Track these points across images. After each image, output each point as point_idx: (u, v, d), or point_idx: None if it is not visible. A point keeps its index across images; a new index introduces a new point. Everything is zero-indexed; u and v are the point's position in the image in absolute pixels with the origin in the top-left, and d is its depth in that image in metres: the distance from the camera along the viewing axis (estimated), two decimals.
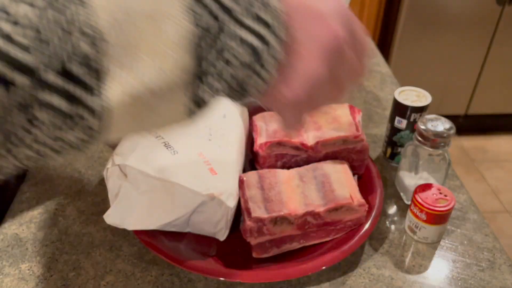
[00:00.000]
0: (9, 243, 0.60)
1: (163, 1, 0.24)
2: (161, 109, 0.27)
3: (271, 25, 0.27)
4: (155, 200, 0.56)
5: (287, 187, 0.58)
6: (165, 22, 0.24)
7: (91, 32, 0.23)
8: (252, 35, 0.27)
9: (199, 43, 0.25)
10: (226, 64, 0.27)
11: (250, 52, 0.27)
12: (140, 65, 0.24)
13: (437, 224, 0.58)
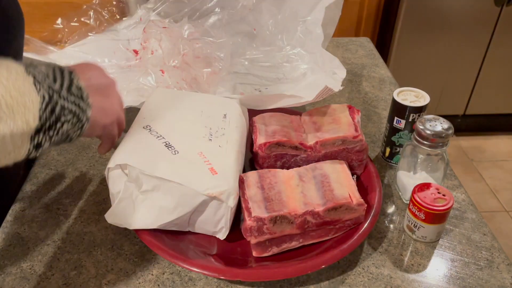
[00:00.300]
0: (11, 242, 0.61)
1: (28, 97, 0.43)
2: (8, 151, 0.43)
3: (83, 98, 0.49)
4: (156, 199, 0.56)
5: (287, 187, 0.59)
6: (28, 107, 0.43)
7: None
8: (73, 105, 0.47)
9: (45, 113, 0.44)
10: (61, 125, 0.46)
11: (74, 117, 0.48)
12: (12, 121, 0.42)
13: (435, 223, 0.59)
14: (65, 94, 0.47)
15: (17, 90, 0.42)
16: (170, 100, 0.69)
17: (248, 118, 0.72)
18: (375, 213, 0.59)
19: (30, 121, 0.43)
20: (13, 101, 0.42)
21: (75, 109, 0.47)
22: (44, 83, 0.45)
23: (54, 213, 0.65)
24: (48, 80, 0.46)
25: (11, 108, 0.41)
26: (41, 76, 0.45)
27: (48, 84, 0.45)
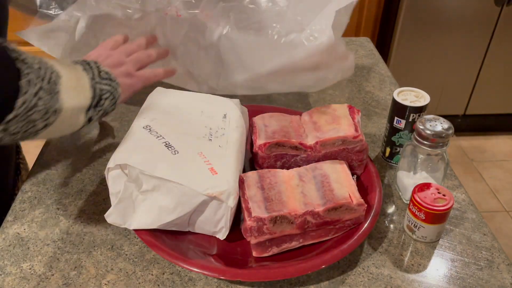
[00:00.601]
0: (11, 242, 0.61)
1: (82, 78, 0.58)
2: (72, 122, 0.58)
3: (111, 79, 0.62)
4: (155, 199, 0.56)
5: (287, 187, 0.59)
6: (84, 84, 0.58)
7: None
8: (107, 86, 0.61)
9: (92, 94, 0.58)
10: (104, 102, 0.60)
11: (110, 95, 0.61)
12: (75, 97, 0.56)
13: (435, 223, 0.59)
14: (99, 79, 0.60)
15: (75, 74, 0.57)
16: (170, 100, 0.69)
17: (248, 118, 0.72)
18: (375, 213, 0.59)
19: (86, 99, 0.58)
20: (74, 83, 0.56)
21: (109, 88, 0.61)
22: (87, 71, 0.59)
23: (54, 213, 0.65)
24: (87, 71, 0.60)
25: (75, 88, 0.56)
26: (82, 67, 0.60)
27: (89, 75, 0.59)
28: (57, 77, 0.53)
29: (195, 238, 0.60)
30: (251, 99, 0.90)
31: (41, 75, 0.51)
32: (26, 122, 0.51)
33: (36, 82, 0.50)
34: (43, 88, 0.51)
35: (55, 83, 0.53)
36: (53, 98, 0.52)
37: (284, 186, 0.59)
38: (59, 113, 0.54)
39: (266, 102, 0.90)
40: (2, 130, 0.49)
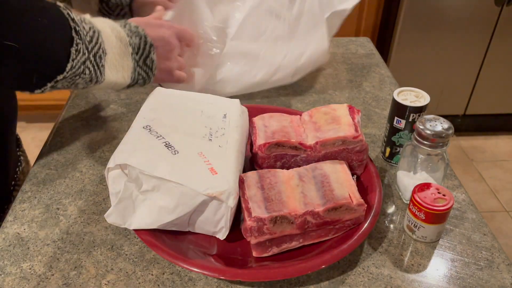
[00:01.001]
0: (11, 242, 0.61)
1: (127, 61, 0.66)
2: (110, 88, 0.68)
3: (152, 69, 0.71)
4: (155, 199, 0.56)
5: (287, 187, 0.59)
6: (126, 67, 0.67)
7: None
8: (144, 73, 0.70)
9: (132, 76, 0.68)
10: (135, 85, 0.70)
11: (143, 81, 0.71)
12: (116, 74, 0.65)
13: (435, 223, 0.59)
14: (142, 64, 0.68)
15: (121, 56, 0.65)
16: (170, 100, 0.69)
17: (247, 118, 0.72)
18: (375, 213, 0.59)
19: (125, 79, 0.67)
20: (118, 63, 0.64)
21: (145, 76, 0.70)
22: (134, 54, 0.67)
23: (54, 213, 0.65)
24: (135, 51, 0.67)
25: (116, 67, 0.64)
26: (134, 47, 0.66)
27: (135, 57, 0.67)
28: (104, 53, 0.61)
29: (195, 238, 0.60)
30: (251, 99, 0.90)
31: (90, 48, 0.59)
32: (71, 83, 0.59)
33: (84, 52, 0.58)
34: (89, 59, 0.59)
35: (100, 58, 0.61)
36: (98, 70, 0.61)
37: (284, 186, 0.59)
38: (99, 83, 0.63)
39: (266, 102, 0.90)
40: (51, 86, 0.58)
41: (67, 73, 0.57)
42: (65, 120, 0.85)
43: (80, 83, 0.60)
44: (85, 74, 0.59)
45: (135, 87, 0.71)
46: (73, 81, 0.59)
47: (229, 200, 0.55)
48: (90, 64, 0.59)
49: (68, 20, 0.57)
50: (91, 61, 0.59)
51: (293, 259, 0.56)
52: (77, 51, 0.57)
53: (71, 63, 0.56)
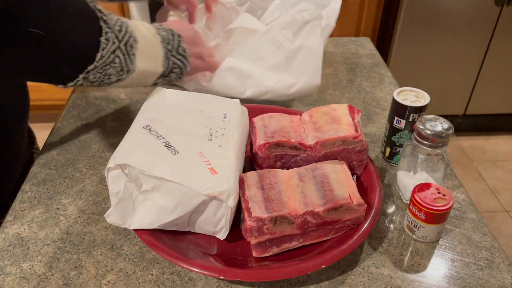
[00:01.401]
0: (11, 242, 0.61)
1: (157, 49, 0.68)
2: (141, 83, 0.69)
3: (186, 57, 0.72)
4: (155, 199, 0.56)
5: (287, 187, 0.59)
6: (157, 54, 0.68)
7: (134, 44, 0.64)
8: (179, 62, 0.71)
9: (165, 63, 0.70)
10: (172, 74, 0.72)
11: (179, 70, 0.73)
12: (148, 62, 0.66)
13: (435, 223, 0.59)
14: (175, 53, 0.70)
15: (152, 43, 0.66)
16: (170, 100, 0.69)
17: (247, 118, 0.72)
18: (375, 213, 0.59)
19: (158, 67, 0.67)
20: (149, 50, 0.65)
21: (181, 64, 0.71)
22: (164, 40, 0.68)
23: (54, 213, 0.65)
24: (165, 42, 0.68)
25: (148, 54, 0.65)
26: (163, 38, 0.68)
27: (165, 46, 0.68)
28: (134, 41, 0.62)
29: (195, 238, 0.60)
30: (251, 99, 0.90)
31: (120, 37, 0.60)
32: (102, 74, 0.60)
33: (114, 41, 0.59)
34: (120, 48, 0.60)
35: (131, 46, 0.62)
36: (129, 59, 0.62)
37: (284, 186, 0.59)
38: (131, 72, 0.64)
39: (266, 102, 0.90)
40: (83, 78, 0.59)
41: (98, 63, 0.58)
42: (65, 120, 0.85)
43: (112, 74, 0.61)
44: (115, 63, 0.60)
45: (167, 80, 0.71)
46: (104, 71, 0.60)
47: (229, 200, 0.55)
48: (121, 53, 0.60)
49: (95, 11, 0.58)
50: (121, 49, 0.60)
51: (293, 259, 0.56)
52: (106, 39, 0.58)
53: (101, 53, 0.58)
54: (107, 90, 0.92)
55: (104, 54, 0.58)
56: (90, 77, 0.59)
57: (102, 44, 0.58)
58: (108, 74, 0.61)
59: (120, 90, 0.93)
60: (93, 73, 0.59)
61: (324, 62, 1.04)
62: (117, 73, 0.62)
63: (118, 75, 0.62)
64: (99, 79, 0.61)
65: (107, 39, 0.58)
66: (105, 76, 0.61)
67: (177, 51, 0.70)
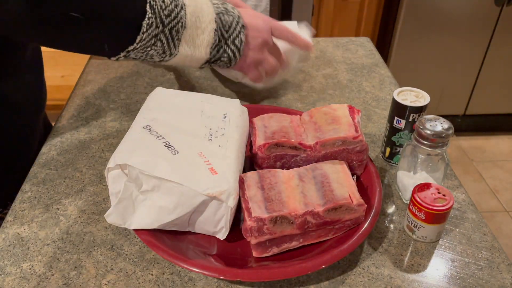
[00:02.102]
0: (11, 242, 0.61)
1: (203, 37, 0.65)
2: (185, 65, 0.69)
3: (240, 49, 0.69)
4: (155, 199, 0.56)
5: (287, 187, 0.59)
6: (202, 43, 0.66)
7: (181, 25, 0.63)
8: (231, 52, 0.69)
9: (213, 51, 0.67)
10: (219, 62, 0.70)
11: (228, 61, 0.70)
12: (192, 48, 0.65)
13: (435, 223, 0.59)
14: (230, 43, 0.67)
15: (203, 30, 0.65)
16: (170, 100, 0.69)
17: (247, 118, 0.72)
18: (375, 213, 0.59)
19: (202, 54, 0.66)
20: (200, 37, 0.65)
21: (231, 55, 0.68)
22: (220, 31, 0.66)
23: (54, 213, 0.65)
24: (224, 29, 0.66)
25: (194, 41, 0.64)
26: (222, 25, 0.66)
27: (221, 33, 0.66)
28: (182, 27, 0.62)
29: (195, 238, 0.60)
30: (251, 99, 0.90)
31: (166, 22, 0.60)
32: (144, 54, 0.62)
33: (158, 26, 0.59)
34: (164, 32, 0.60)
35: (177, 31, 0.62)
36: (172, 43, 0.62)
37: (284, 186, 0.59)
38: (174, 56, 0.64)
39: (266, 102, 0.90)
40: (124, 56, 0.61)
41: (137, 45, 0.59)
42: (65, 120, 0.85)
43: (154, 55, 0.63)
44: (157, 47, 0.61)
45: (214, 66, 0.70)
46: (145, 52, 0.61)
47: (229, 200, 0.55)
48: (164, 37, 0.61)
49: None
50: (165, 34, 0.61)
51: (293, 259, 0.56)
52: (148, 25, 0.58)
53: (141, 36, 0.59)
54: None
55: (144, 37, 0.59)
56: (131, 55, 0.61)
57: (143, 28, 0.58)
58: (149, 55, 0.62)
59: (120, 90, 0.93)
60: (134, 52, 0.61)
61: (324, 62, 1.05)
62: (158, 55, 0.63)
63: (160, 57, 0.64)
64: (141, 57, 0.63)
65: (149, 24, 0.58)
66: (147, 56, 0.63)
67: (233, 41, 0.67)
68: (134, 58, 0.63)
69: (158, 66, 1.02)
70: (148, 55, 0.63)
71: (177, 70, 1.01)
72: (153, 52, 0.62)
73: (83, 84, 0.96)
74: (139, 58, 0.63)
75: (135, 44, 0.59)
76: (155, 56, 0.63)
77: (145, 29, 0.58)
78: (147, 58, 0.63)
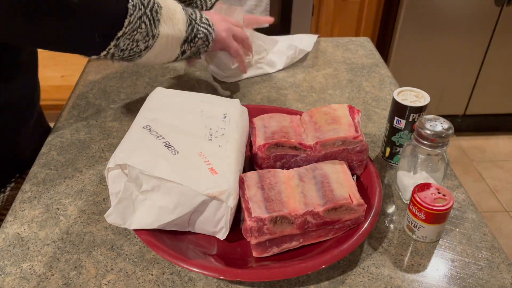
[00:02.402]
0: (11, 242, 0.61)
1: (178, 14, 0.71)
2: (168, 50, 0.71)
3: (210, 25, 0.75)
4: (155, 199, 0.56)
5: (287, 187, 0.59)
6: (179, 19, 0.70)
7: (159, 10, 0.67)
8: (204, 29, 0.74)
9: (188, 29, 0.72)
10: (197, 40, 0.74)
11: (205, 36, 0.75)
12: (171, 27, 0.68)
13: (435, 223, 0.59)
14: (199, 22, 0.73)
15: (174, 10, 0.69)
16: (170, 100, 0.69)
17: (247, 118, 0.72)
18: (375, 213, 0.59)
19: (181, 32, 0.70)
20: (172, 16, 0.68)
21: (205, 31, 0.74)
22: (187, 11, 0.72)
23: (54, 213, 0.65)
24: (188, 11, 0.73)
25: (171, 19, 0.68)
26: (186, 9, 0.73)
27: (189, 14, 0.72)
28: (159, 7, 0.66)
29: (195, 238, 0.60)
30: (251, 99, 0.90)
31: (145, 3, 0.64)
32: (131, 40, 0.64)
33: (140, 7, 0.63)
34: (146, 14, 0.63)
35: (156, 12, 0.65)
36: (153, 24, 0.65)
37: (284, 186, 0.59)
38: (157, 38, 0.67)
39: (266, 102, 0.90)
40: (114, 45, 0.62)
41: (126, 29, 0.62)
42: (65, 120, 0.85)
43: (139, 39, 0.65)
44: (142, 29, 0.64)
45: (193, 49, 0.74)
46: (132, 37, 0.63)
47: (229, 200, 0.55)
48: (147, 18, 0.64)
49: None
50: (147, 15, 0.64)
51: (293, 259, 0.56)
52: (133, 6, 0.61)
53: (129, 19, 0.61)
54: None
55: (131, 20, 0.62)
56: (120, 44, 0.63)
57: (130, 10, 0.61)
58: (136, 40, 0.64)
59: (120, 90, 0.93)
60: (123, 40, 0.62)
61: (324, 62, 1.05)
62: (143, 38, 0.65)
63: (145, 40, 0.65)
64: (129, 46, 0.64)
65: (134, 5, 0.62)
66: (133, 43, 0.64)
67: (200, 20, 0.74)
68: (122, 50, 0.64)
69: (158, 66, 1.02)
70: (134, 41, 0.64)
71: (177, 70, 1.01)
72: (139, 35, 0.64)
73: (83, 84, 0.96)
74: (126, 49, 0.64)
75: (123, 28, 0.61)
76: (140, 42, 0.65)
77: (131, 11, 0.61)
78: (133, 47, 0.65)
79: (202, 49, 0.76)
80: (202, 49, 0.76)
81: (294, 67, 1.02)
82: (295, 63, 1.03)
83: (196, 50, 0.75)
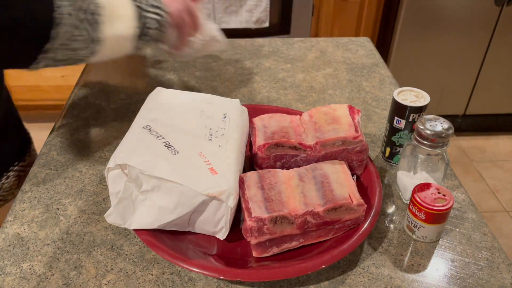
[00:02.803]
0: (11, 242, 0.61)
1: (127, 8, 0.61)
2: (122, 49, 0.63)
3: (161, 8, 0.65)
4: (155, 199, 0.56)
5: (287, 187, 0.59)
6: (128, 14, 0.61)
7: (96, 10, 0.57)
8: (154, 15, 0.64)
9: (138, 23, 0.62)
10: (149, 30, 0.64)
11: (156, 23, 0.65)
12: (117, 25, 0.60)
13: (435, 223, 0.59)
14: (148, 7, 0.63)
15: (117, 7, 0.60)
16: (170, 100, 0.69)
17: (247, 118, 0.72)
18: (375, 213, 0.59)
19: (130, 28, 0.61)
20: (118, 13, 0.60)
21: (156, 17, 0.64)
22: (134, 2, 0.62)
23: (54, 213, 0.65)
24: (137, 1, 0.62)
25: (118, 18, 0.60)
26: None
27: (136, 4, 0.62)
28: (98, 7, 0.57)
29: (195, 238, 0.60)
30: (251, 99, 0.90)
31: (80, 6, 0.55)
32: (67, 50, 0.56)
33: (71, 13, 0.54)
34: (81, 19, 0.55)
35: (97, 14, 0.57)
36: (95, 28, 0.57)
37: (284, 186, 0.59)
38: (102, 42, 0.59)
39: (266, 102, 0.90)
40: (44, 58, 0.55)
41: (56, 40, 0.54)
42: (65, 120, 0.85)
43: (78, 48, 0.57)
44: (78, 36, 0.56)
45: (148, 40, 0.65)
46: (68, 46, 0.56)
47: (229, 200, 0.55)
48: (81, 24, 0.55)
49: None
50: (81, 20, 0.55)
51: (293, 259, 0.56)
52: (61, 14, 0.53)
53: (56, 30, 0.53)
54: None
55: (59, 30, 0.53)
56: (54, 56, 0.55)
57: (56, 20, 0.53)
58: (74, 49, 0.56)
59: (120, 90, 0.93)
60: (54, 51, 0.55)
61: (324, 62, 1.05)
62: (85, 46, 0.57)
63: (87, 47, 0.58)
64: (66, 56, 0.57)
65: (62, 14, 0.53)
66: (71, 52, 0.56)
67: (149, 4, 0.64)
68: (60, 60, 0.57)
69: (158, 66, 1.02)
70: (73, 50, 0.56)
71: (177, 70, 1.01)
72: (77, 44, 0.56)
73: (83, 84, 0.96)
74: (65, 59, 0.57)
75: (51, 40, 0.54)
76: (81, 50, 0.57)
77: (58, 20, 0.53)
78: (73, 56, 0.57)
79: (158, 37, 0.67)
80: (158, 37, 0.67)
81: (294, 67, 1.02)
82: (295, 63, 1.03)
83: (152, 39, 0.66)
